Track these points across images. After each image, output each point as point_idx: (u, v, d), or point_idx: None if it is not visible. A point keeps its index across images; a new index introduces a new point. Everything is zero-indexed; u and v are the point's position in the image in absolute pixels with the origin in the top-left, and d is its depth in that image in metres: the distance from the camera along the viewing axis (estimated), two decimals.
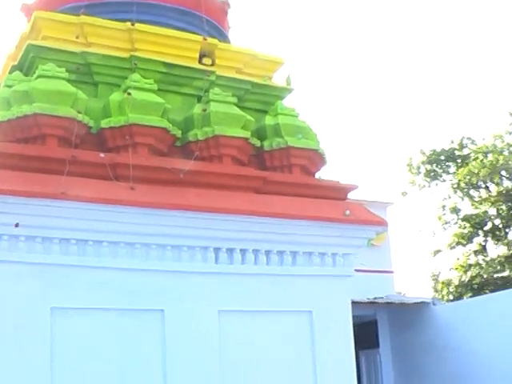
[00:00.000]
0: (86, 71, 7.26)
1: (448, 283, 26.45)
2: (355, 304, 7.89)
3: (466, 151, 27.11)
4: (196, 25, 8.15)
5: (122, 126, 6.72)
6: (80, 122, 6.59)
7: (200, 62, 7.83)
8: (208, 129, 7.07)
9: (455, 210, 26.88)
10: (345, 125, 49.47)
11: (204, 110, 7.20)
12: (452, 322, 14.36)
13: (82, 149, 6.55)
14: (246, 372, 6.71)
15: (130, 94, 6.83)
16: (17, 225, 5.91)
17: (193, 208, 6.51)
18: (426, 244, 42.87)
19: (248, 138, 7.26)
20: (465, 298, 24.13)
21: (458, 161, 27.04)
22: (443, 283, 26.64)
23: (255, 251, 6.93)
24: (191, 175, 6.73)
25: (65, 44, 7.29)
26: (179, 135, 7.14)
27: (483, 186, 26.47)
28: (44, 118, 6.42)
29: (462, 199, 27.01)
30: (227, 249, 6.81)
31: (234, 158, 7.19)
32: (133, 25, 7.49)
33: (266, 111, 7.87)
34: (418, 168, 27.27)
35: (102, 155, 6.54)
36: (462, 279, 25.90)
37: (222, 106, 7.28)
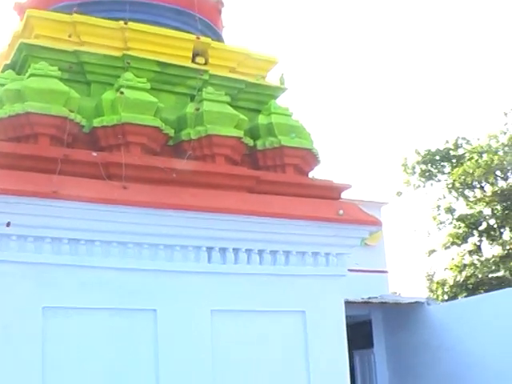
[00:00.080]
0: (79, 70, 7.25)
1: (443, 283, 26.43)
2: (349, 304, 7.89)
3: (460, 151, 27.09)
4: (189, 24, 8.14)
5: (114, 125, 6.71)
6: (72, 120, 6.57)
7: (193, 61, 7.82)
8: (201, 128, 7.06)
9: (450, 210, 26.86)
10: (339, 124, 49.46)
11: (197, 109, 7.19)
12: (446, 322, 14.33)
13: (74, 148, 6.54)
14: (238, 372, 6.69)
15: (122, 92, 6.82)
16: (8, 224, 5.89)
17: (185, 207, 6.50)
18: (421, 244, 42.78)
19: (241, 138, 7.25)
20: (459, 298, 24.10)
21: (453, 161, 27.02)
22: (438, 283, 26.62)
23: (248, 251, 6.93)
24: (184, 174, 6.72)
25: (57, 43, 7.28)
26: (172, 134, 7.13)
27: (478, 186, 26.46)
28: (36, 116, 6.40)
29: (457, 199, 27.00)
30: (220, 248, 6.81)
31: (227, 158, 7.18)
32: (126, 23, 7.48)
33: (259, 110, 7.86)
34: (413, 168, 27.24)
35: (95, 154, 6.54)
36: (457, 279, 25.88)
37: (215, 105, 7.27)
